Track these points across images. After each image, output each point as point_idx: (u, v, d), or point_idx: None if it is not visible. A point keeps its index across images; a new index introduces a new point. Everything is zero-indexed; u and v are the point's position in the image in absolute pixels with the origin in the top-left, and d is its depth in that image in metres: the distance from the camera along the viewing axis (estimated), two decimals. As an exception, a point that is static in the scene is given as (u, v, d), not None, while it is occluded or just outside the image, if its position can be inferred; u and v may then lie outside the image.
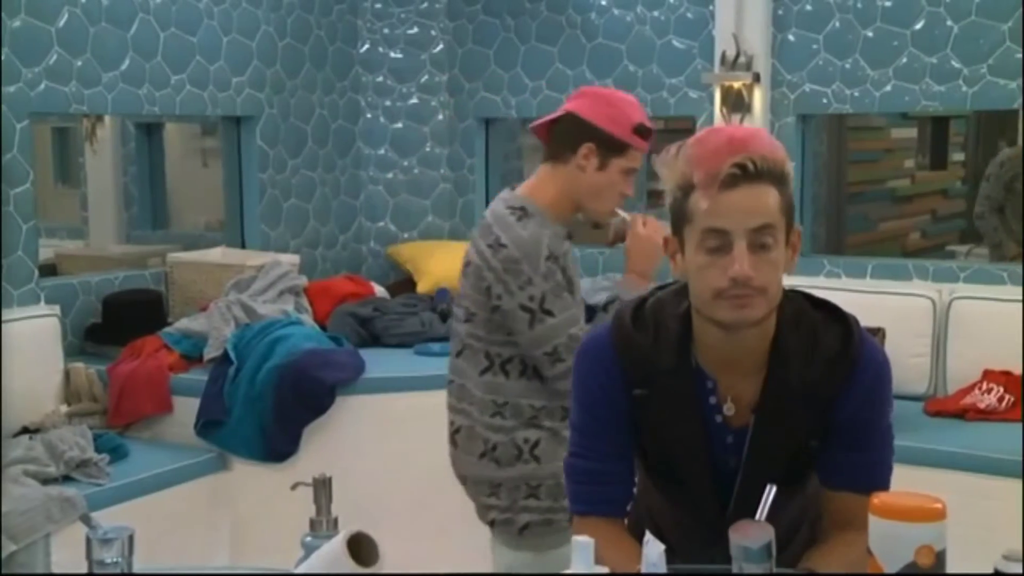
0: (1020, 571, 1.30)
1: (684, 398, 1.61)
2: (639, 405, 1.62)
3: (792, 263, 1.59)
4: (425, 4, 5.02)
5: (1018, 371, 3.70)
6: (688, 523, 1.69)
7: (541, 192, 2.28)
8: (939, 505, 1.33)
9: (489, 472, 2.28)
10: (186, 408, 3.66)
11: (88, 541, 1.39)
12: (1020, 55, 3.91)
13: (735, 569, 1.38)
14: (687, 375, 1.61)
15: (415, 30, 5.04)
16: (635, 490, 1.74)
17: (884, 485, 1.63)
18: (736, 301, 1.52)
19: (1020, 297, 3.87)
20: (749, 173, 1.51)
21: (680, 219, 1.56)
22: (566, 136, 2.26)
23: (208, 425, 3.61)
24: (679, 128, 5.66)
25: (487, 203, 5.16)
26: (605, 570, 1.36)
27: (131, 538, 1.39)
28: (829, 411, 1.60)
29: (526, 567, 2.29)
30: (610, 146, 2.25)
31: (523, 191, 2.29)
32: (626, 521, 1.75)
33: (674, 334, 1.61)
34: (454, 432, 2.35)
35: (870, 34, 4.18)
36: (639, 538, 1.64)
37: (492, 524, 2.33)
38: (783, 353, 1.59)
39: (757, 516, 1.46)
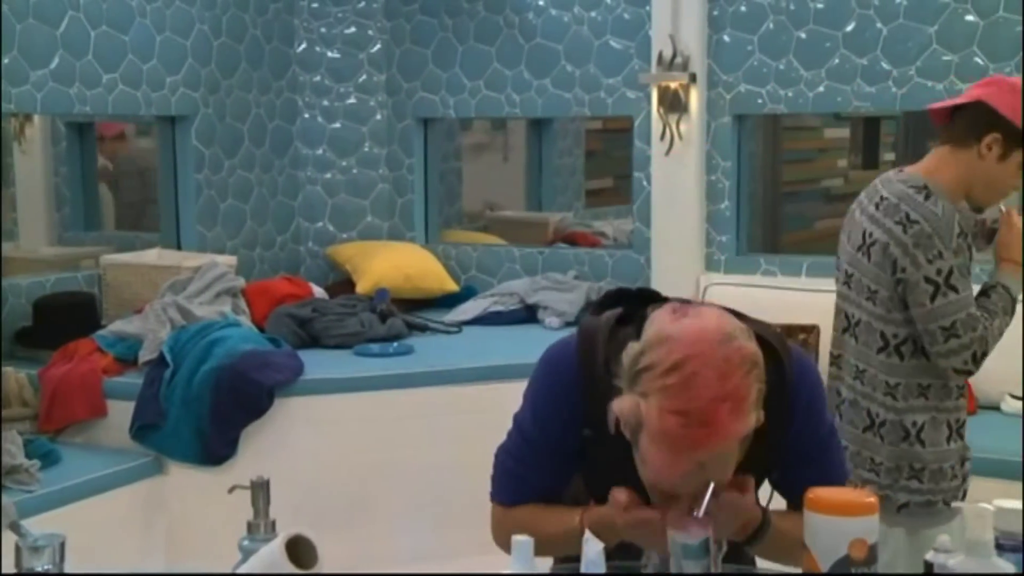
0: (949, 562, 1.33)
1: (628, 453, 1.54)
2: (586, 444, 1.61)
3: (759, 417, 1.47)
4: (362, 3, 5.00)
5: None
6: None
7: (940, 173, 2.34)
8: (872, 499, 1.36)
9: (871, 448, 2.34)
10: (121, 412, 3.60)
11: (17, 549, 1.36)
12: (947, 57, 4.00)
13: (673, 567, 1.40)
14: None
15: (352, 30, 5.01)
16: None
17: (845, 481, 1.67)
18: (679, 503, 1.46)
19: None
20: (708, 466, 1.40)
21: (629, 431, 1.44)
22: (972, 123, 2.32)
23: (144, 429, 3.55)
24: (617, 128, 5.71)
25: (426, 203, 5.19)
26: (546, 569, 1.36)
27: (62, 545, 1.37)
28: (781, 442, 1.59)
29: (898, 543, 2.33)
30: (1015, 139, 2.29)
31: (919, 171, 2.35)
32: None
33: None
34: (838, 404, 2.40)
35: (803, 35, 4.24)
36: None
37: None
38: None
39: (696, 512, 1.47)
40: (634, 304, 1.61)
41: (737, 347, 1.39)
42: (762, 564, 1.72)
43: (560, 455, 1.65)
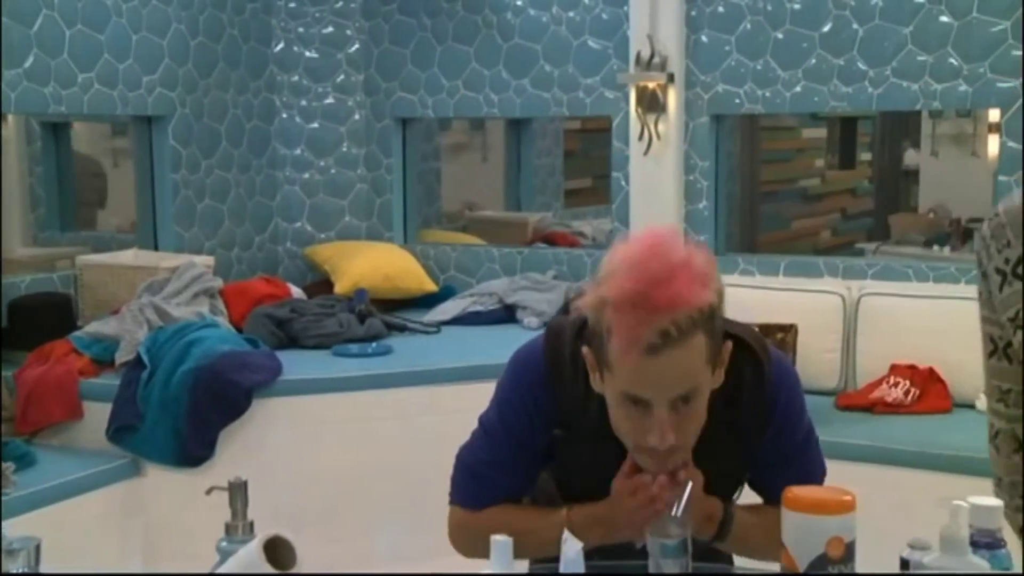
0: (924, 559, 1.34)
1: (606, 455, 1.57)
2: (556, 444, 1.61)
3: (719, 376, 1.52)
4: (340, 3, 4.98)
5: (922, 365, 3.81)
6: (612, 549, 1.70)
7: None
8: (849, 497, 1.37)
9: (992, 458, 2.19)
10: (97, 414, 3.58)
11: (-7, 552, 1.35)
12: (922, 58, 4.02)
13: (652, 567, 1.40)
14: (608, 432, 1.55)
15: (330, 29, 5.00)
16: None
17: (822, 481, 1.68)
18: (656, 460, 1.50)
19: (925, 293, 3.99)
20: (673, 339, 1.39)
21: (599, 357, 1.47)
22: None
23: (121, 430, 3.53)
24: (596, 128, 5.72)
25: (405, 204, 5.19)
26: (524, 569, 1.36)
27: (38, 548, 1.36)
28: (758, 442, 1.61)
29: None
30: None
31: None
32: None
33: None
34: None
35: (780, 36, 4.26)
36: None
37: None
38: (710, 405, 1.54)
39: (674, 512, 1.48)
40: None
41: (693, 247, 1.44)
42: (741, 563, 1.72)
43: (527, 455, 1.64)
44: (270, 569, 1.26)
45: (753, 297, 4.02)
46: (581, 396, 1.56)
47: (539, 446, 1.63)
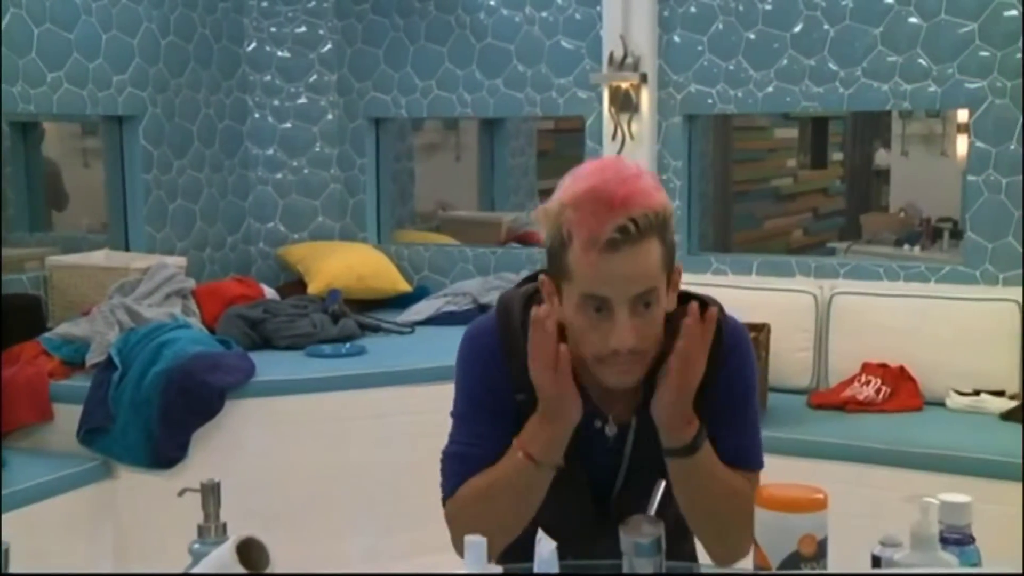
0: (895, 556, 1.35)
1: None
2: (520, 409, 1.61)
3: (672, 300, 1.57)
4: (313, 3, 4.97)
5: (893, 363, 3.84)
6: (569, 520, 1.70)
7: None
8: (820, 495, 1.37)
9: None
10: (68, 416, 3.55)
11: (-38, 556, 1.34)
12: (891, 59, 4.06)
13: (625, 566, 1.40)
14: None
15: (303, 29, 4.98)
16: None
17: (761, 460, 1.68)
18: (618, 368, 1.52)
19: (896, 292, 4.02)
20: (631, 235, 1.45)
21: (558, 270, 1.52)
22: None
23: (92, 432, 3.51)
24: (569, 128, 5.72)
25: (378, 204, 5.18)
26: (499, 570, 1.36)
27: (6, 552, 1.35)
28: (710, 398, 1.61)
29: None
30: None
31: None
32: None
33: None
34: None
35: (752, 36, 4.29)
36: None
37: None
38: (661, 356, 1.58)
39: (648, 511, 1.48)
40: None
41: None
42: (738, 563, 1.71)
43: (499, 424, 1.63)
44: (243, 571, 1.26)
45: (726, 296, 3.99)
46: None
47: (507, 413, 1.63)
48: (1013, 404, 3.62)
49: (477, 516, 1.56)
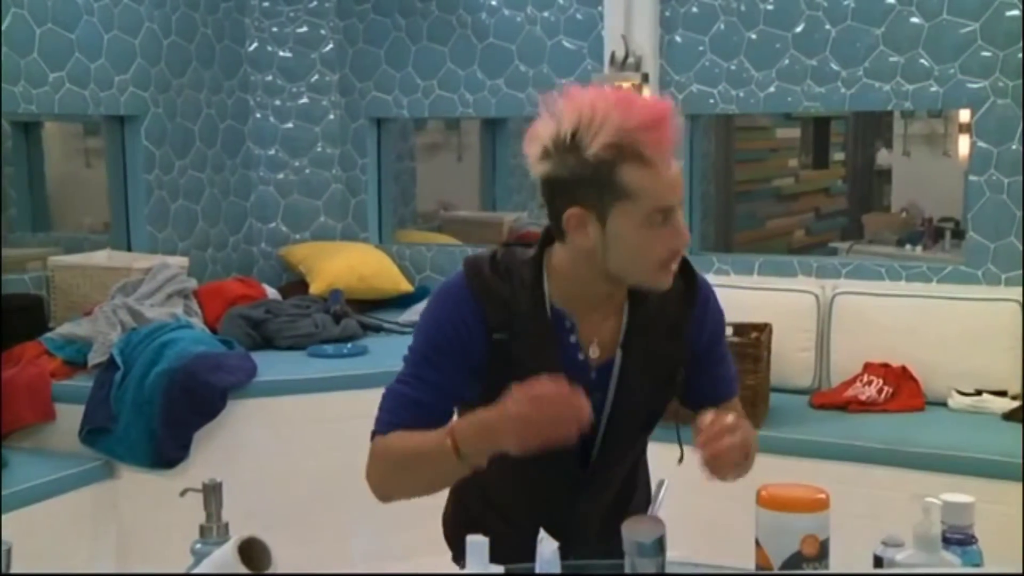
0: (897, 556, 1.35)
1: (544, 338, 1.65)
2: (498, 349, 1.64)
3: None
4: (314, 3, 4.97)
5: (895, 363, 3.84)
6: (547, 476, 1.71)
7: None
8: (823, 496, 1.38)
9: None
10: (70, 416, 3.55)
11: (-36, 556, 1.34)
12: (893, 59, 4.06)
13: (627, 566, 1.40)
14: (544, 316, 1.65)
15: (304, 29, 4.98)
16: None
17: (737, 386, 1.83)
18: (671, 267, 1.62)
19: (898, 292, 4.02)
20: (677, 148, 1.60)
21: (609, 194, 1.56)
22: None
23: (94, 432, 3.51)
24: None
25: (380, 204, 5.18)
26: (501, 570, 1.36)
27: (8, 552, 1.35)
28: (689, 339, 1.72)
29: None
30: None
31: None
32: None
33: (528, 280, 1.65)
34: None
35: (754, 36, 4.28)
36: (471, 504, 1.75)
37: None
38: (641, 292, 1.67)
39: (651, 511, 1.48)
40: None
41: None
42: (735, 561, 1.71)
43: (454, 372, 1.66)
44: (245, 571, 1.26)
45: (727, 296, 3.99)
46: (517, 298, 1.64)
47: (476, 360, 1.65)
48: (1015, 404, 3.61)
49: (390, 474, 1.67)
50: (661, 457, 1.85)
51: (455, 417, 1.70)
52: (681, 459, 1.69)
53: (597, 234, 1.58)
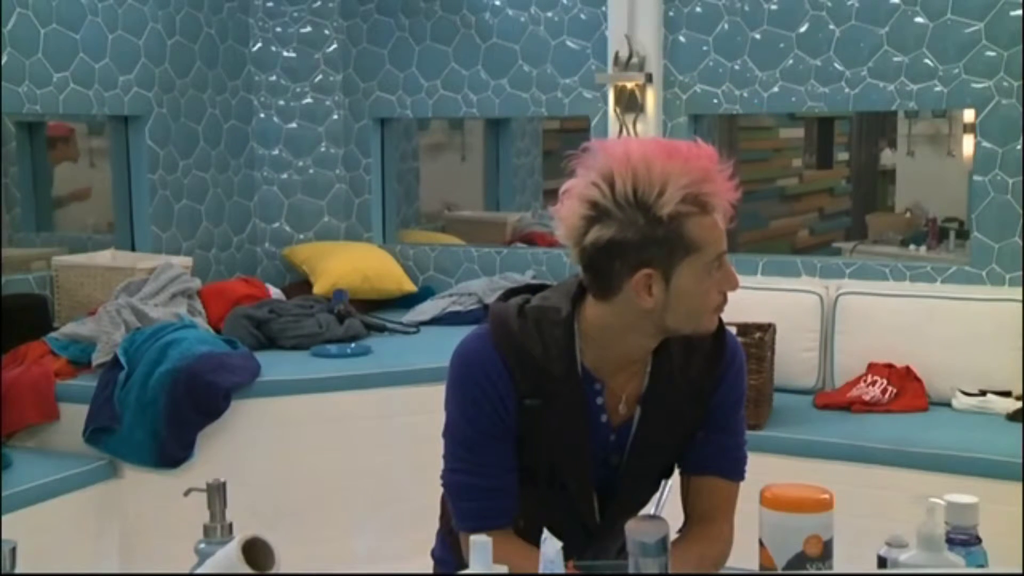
0: (901, 557, 1.35)
1: (576, 405, 1.59)
2: (527, 414, 1.59)
3: None
4: (318, 3, 4.97)
5: (899, 363, 3.83)
6: (564, 527, 1.69)
7: None
8: (826, 496, 1.38)
9: None
10: (74, 415, 3.55)
11: (-31, 556, 1.34)
12: (897, 59, 4.05)
13: (632, 566, 1.40)
14: (577, 381, 1.58)
15: (308, 29, 4.99)
16: None
17: (743, 470, 1.70)
18: (723, 309, 1.61)
19: (902, 292, 4.02)
20: None
21: (679, 250, 1.51)
22: None
23: (98, 432, 3.51)
24: (575, 128, 5.72)
25: (384, 204, 5.18)
26: (504, 569, 1.36)
27: (13, 551, 1.35)
28: (708, 400, 1.65)
29: None
30: None
31: None
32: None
33: (562, 341, 1.57)
34: None
35: (757, 36, 4.28)
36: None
37: None
38: (666, 349, 1.62)
39: (654, 510, 1.48)
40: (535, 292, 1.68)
41: None
42: (732, 562, 1.71)
43: (501, 448, 1.61)
44: (249, 570, 1.26)
45: (731, 296, 4.01)
46: (550, 360, 1.57)
47: (511, 428, 1.60)
48: (1019, 404, 3.61)
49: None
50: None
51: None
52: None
53: (661, 292, 1.52)
